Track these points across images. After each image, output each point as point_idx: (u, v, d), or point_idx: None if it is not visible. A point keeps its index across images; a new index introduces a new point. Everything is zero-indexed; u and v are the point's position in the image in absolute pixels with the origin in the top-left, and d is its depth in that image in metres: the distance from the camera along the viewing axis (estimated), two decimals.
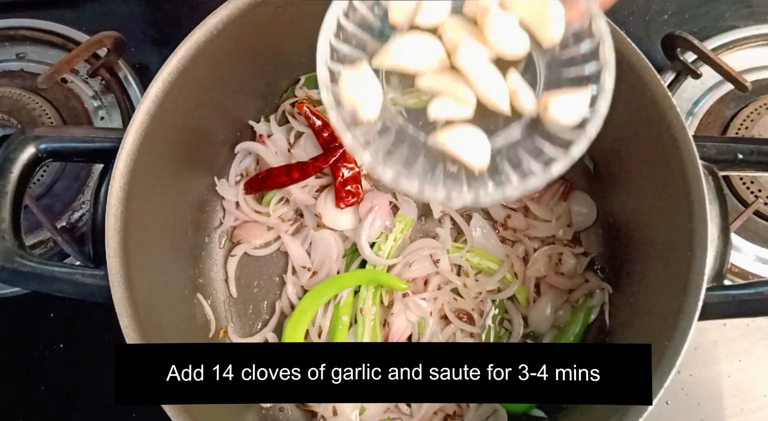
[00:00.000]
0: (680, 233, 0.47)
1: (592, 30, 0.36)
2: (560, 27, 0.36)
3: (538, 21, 0.36)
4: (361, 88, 0.36)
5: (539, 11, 0.36)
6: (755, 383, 0.61)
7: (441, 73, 0.37)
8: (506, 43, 0.36)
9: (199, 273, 0.63)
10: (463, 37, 0.36)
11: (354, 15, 0.38)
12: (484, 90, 0.35)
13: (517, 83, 0.36)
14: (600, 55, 0.35)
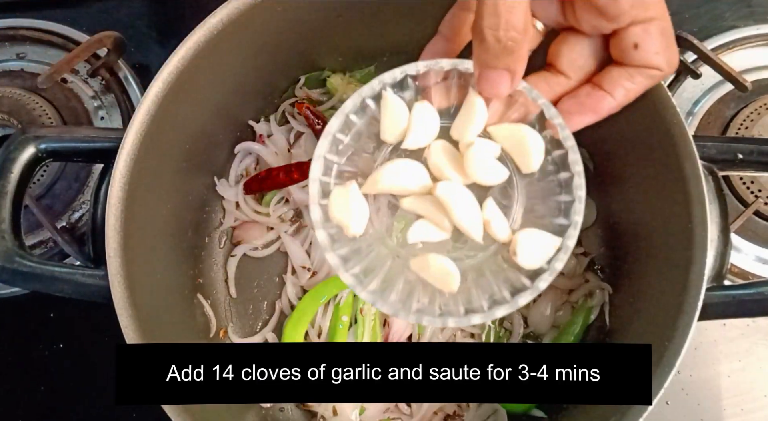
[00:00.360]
0: (680, 233, 0.47)
1: (567, 161, 0.38)
2: (539, 157, 0.38)
3: (519, 150, 0.39)
4: (350, 206, 0.38)
5: (520, 142, 0.38)
6: (755, 383, 0.61)
7: (424, 197, 0.39)
8: (485, 175, 0.38)
9: (199, 273, 0.63)
10: (444, 166, 0.38)
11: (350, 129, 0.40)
12: (459, 221, 0.38)
13: (491, 214, 0.38)
14: (574, 191, 0.37)
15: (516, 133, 0.38)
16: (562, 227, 0.38)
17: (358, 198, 0.38)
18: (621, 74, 0.38)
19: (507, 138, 0.39)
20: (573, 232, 0.37)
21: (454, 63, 0.38)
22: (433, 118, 0.39)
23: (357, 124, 0.40)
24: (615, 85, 0.38)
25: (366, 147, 0.42)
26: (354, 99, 0.39)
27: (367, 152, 0.42)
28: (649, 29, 0.36)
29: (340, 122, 0.39)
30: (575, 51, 0.39)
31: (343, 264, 0.38)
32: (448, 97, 0.40)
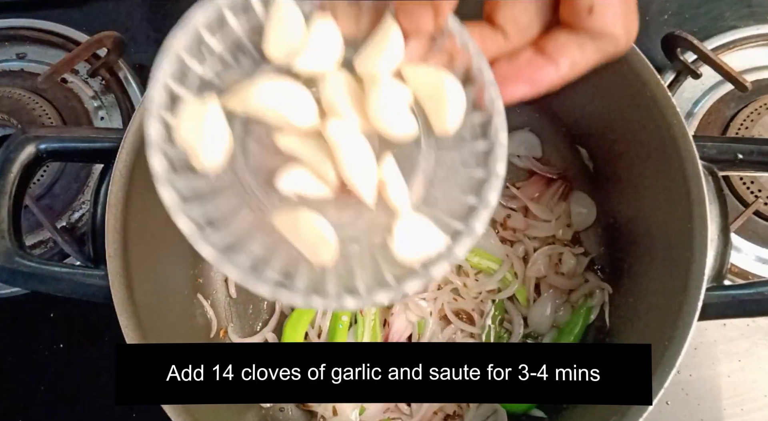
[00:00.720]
0: (680, 233, 0.47)
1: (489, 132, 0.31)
2: (457, 117, 0.31)
3: (434, 103, 0.31)
4: (204, 127, 0.29)
5: (438, 92, 0.30)
6: (755, 383, 0.61)
7: (306, 137, 0.31)
8: (390, 123, 0.30)
9: (199, 273, 0.63)
10: (341, 103, 0.30)
11: (223, 30, 0.31)
12: (349, 174, 0.30)
13: (389, 174, 0.30)
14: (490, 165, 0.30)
15: (435, 79, 0.30)
16: (470, 207, 0.31)
17: (216, 117, 0.29)
18: (570, 40, 0.32)
19: (422, 85, 0.31)
20: (484, 213, 0.30)
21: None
22: (335, 39, 0.31)
23: (234, 27, 0.31)
24: (561, 52, 0.32)
25: (244, 60, 0.32)
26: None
27: (243, 68, 0.32)
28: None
29: (209, 16, 0.30)
30: (519, 4, 0.33)
31: (181, 203, 0.29)
32: (358, 22, 0.32)
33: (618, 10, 0.32)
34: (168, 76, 0.29)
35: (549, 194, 0.64)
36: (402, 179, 0.31)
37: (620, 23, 0.32)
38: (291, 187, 0.31)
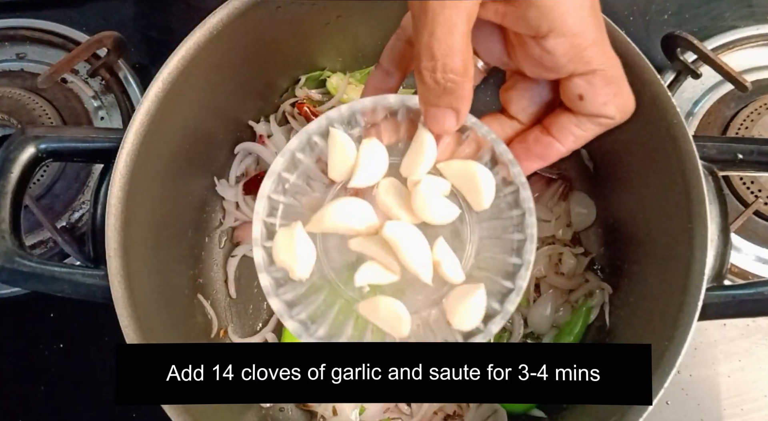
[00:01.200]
0: (680, 233, 0.47)
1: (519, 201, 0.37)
2: (490, 194, 0.37)
3: (469, 187, 0.37)
4: (295, 248, 0.37)
5: (471, 178, 0.37)
6: (755, 383, 0.61)
7: (372, 238, 0.37)
8: (434, 214, 0.37)
9: (199, 273, 0.63)
10: (393, 205, 0.37)
11: (296, 168, 0.40)
12: (408, 262, 0.36)
13: (442, 254, 0.37)
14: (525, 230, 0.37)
15: (466, 169, 0.37)
16: (515, 267, 0.37)
17: (304, 239, 0.37)
18: (570, 121, 0.37)
19: (457, 175, 0.38)
20: (525, 272, 0.36)
21: (402, 99, 0.37)
22: (381, 155, 0.38)
23: (304, 162, 0.39)
24: (564, 132, 0.37)
25: (314, 186, 0.41)
26: (300, 136, 0.38)
27: (315, 191, 0.41)
28: (592, 81, 0.35)
29: (286, 160, 0.38)
30: (525, 97, 0.39)
31: (288, 310, 0.37)
32: (398, 132, 0.39)
33: (607, 94, 0.35)
34: (262, 213, 0.38)
35: (549, 194, 0.64)
36: (453, 256, 0.37)
37: (611, 106, 0.36)
38: (365, 280, 0.37)
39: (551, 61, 0.34)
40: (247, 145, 0.65)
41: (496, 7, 0.34)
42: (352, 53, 0.65)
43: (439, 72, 0.33)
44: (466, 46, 0.32)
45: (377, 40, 0.64)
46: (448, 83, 0.33)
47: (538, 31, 0.33)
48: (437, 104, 0.34)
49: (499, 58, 0.38)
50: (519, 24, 0.34)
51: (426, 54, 0.32)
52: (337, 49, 0.64)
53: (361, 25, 0.61)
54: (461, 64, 0.32)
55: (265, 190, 0.38)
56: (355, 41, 0.64)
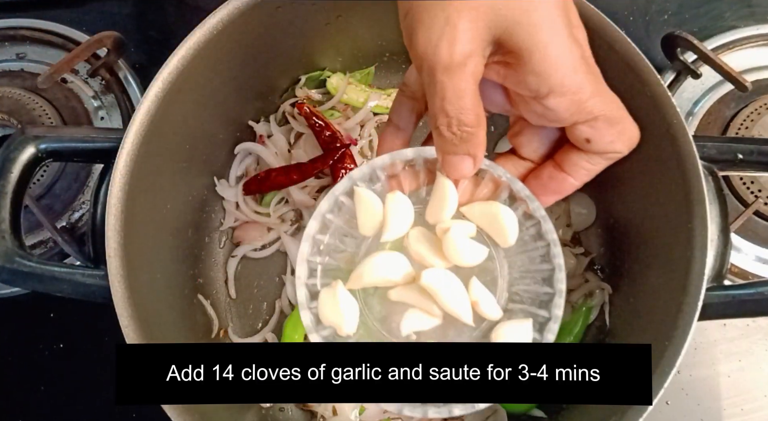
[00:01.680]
0: (680, 233, 0.47)
1: (542, 234, 0.40)
2: (514, 231, 0.39)
3: (494, 226, 0.40)
4: (339, 306, 0.39)
5: (494, 218, 0.39)
6: (755, 383, 0.61)
7: (410, 286, 0.40)
8: (465, 257, 0.39)
9: (199, 273, 0.63)
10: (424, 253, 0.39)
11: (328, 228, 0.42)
12: (448, 306, 0.38)
13: (478, 294, 0.39)
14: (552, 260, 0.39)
15: (489, 210, 0.39)
16: (548, 295, 0.39)
17: (346, 296, 0.39)
18: (581, 157, 0.39)
19: (481, 216, 0.40)
20: (559, 300, 0.39)
21: (418, 151, 0.40)
22: (406, 206, 0.40)
23: (335, 222, 0.41)
24: (576, 168, 0.39)
25: (347, 242, 0.43)
26: (328, 199, 0.40)
27: (349, 247, 0.43)
28: (596, 125, 0.37)
29: (318, 223, 0.40)
30: (534, 140, 0.41)
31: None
32: (417, 180, 0.42)
33: (612, 134, 0.38)
34: (304, 277, 0.40)
35: None
36: (489, 294, 0.39)
37: (617, 143, 0.38)
38: (410, 328, 0.40)
39: (554, 116, 0.37)
40: (247, 146, 0.65)
41: (497, 69, 0.36)
42: (352, 53, 0.65)
43: (455, 126, 0.35)
44: (476, 103, 0.35)
45: (377, 40, 0.64)
46: (464, 134, 0.35)
47: (538, 93, 0.35)
48: (455, 152, 0.37)
49: (502, 108, 0.41)
50: (519, 86, 0.36)
51: (441, 114, 0.35)
52: (337, 49, 0.64)
53: (361, 25, 0.61)
54: (474, 119, 0.35)
55: (304, 255, 0.40)
56: (355, 41, 0.64)
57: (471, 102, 0.34)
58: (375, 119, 0.67)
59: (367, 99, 0.66)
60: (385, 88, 0.68)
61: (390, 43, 0.65)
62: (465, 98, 0.34)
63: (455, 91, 0.34)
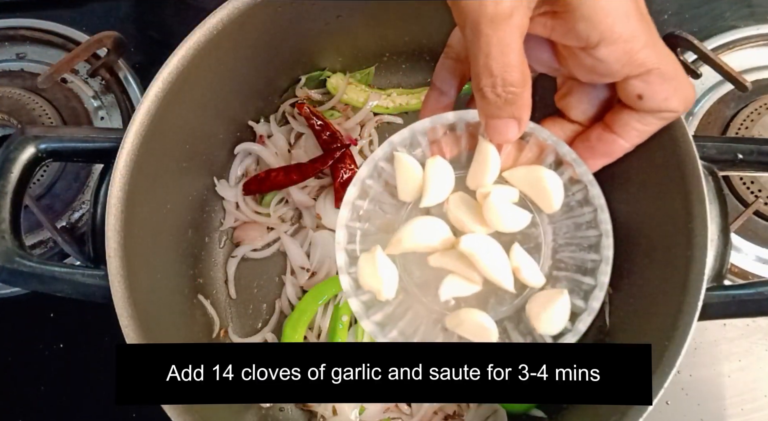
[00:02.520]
0: (680, 233, 0.46)
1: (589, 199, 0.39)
2: (559, 196, 0.38)
3: (538, 191, 0.38)
4: (378, 271, 0.38)
5: (538, 182, 0.38)
6: (755, 383, 0.61)
7: (449, 252, 0.39)
8: (506, 222, 0.37)
9: (199, 273, 0.63)
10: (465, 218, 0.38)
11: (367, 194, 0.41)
12: (488, 272, 0.37)
13: (520, 260, 0.38)
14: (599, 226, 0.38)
15: (532, 174, 0.38)
16: (594, 263, 0.38)
17: (385, 261, 0.38)
18: (632, 117, 0.37)
19: (524, 180, 0.39)
20: (605, 268, 0.38)
21: (459, 115, 0.39)
22: (447, 172, 0.39)
23: (374, 188, 0.41)
24: (626, 128, 0.37)
25: (386, 208, 0.42)
26: (368, 164, 0.39)
27: (388, 213, 0.42)
28: (649, 80, 0.35)
29: (358, 189, 0.39)
30: (584, 101, 0.39)
31: (381, 330, 0.39)
32: (458, 145, 0.41)
33: (666, 90, 0.35)
34: (343, 241, 0.39)
35: None
36: (531, 260, 0.38)
37: (673, 100, 0.36)
38: (449, 294, 0.39)
39: (604, 69, 0.35)
40: (247, 146, 0.65)
41: (544, 22, 0.34)
42: (352, 53, 0.65)
43: (500, 87, 0.33)
44: (521, 60, 0.33)
45: (377, 40, 0.64)
46: (509, 95, 0.34)
47: (588, 42, 0.33)
48: (499, 116, 0.35)
49: (549, 66, 0.39)
50: (568, 37, 0.34)
51: (485, 73, 0.33)
52: (337, 49, 0.64)
53: (361, 25, 0.61)
54: (520, 77, 0.33)
55: (343, 220, 0.39)
56: (355, 41, 0.64)
57: (517, 58, 0.33)
58: (375, 119, 0.67)
59: (367, 99, 0.66)
60: (385, 88, 0.68)
61: (390, 43, 0.65)
62: (510, 54, 0.32)
63: (500, 46, 0.32)
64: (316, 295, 0.61)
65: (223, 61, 0.54)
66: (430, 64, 0.67)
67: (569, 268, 0.40)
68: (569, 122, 0.40)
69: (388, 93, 0.67)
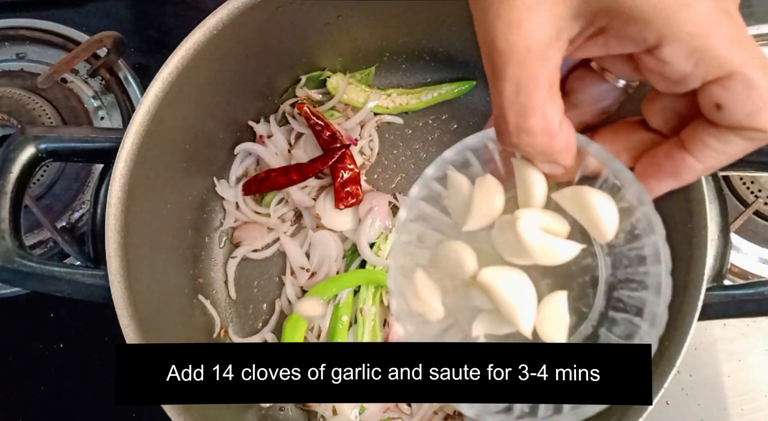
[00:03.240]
0: (680, 232, 0.46)
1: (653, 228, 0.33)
2: (612, 222, 0.32)
3: (587, 217, 0.32)
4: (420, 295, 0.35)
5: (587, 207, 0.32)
6: (755, 383, 0.61)
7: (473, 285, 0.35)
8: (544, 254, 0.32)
9: (199, 273, 0.63)
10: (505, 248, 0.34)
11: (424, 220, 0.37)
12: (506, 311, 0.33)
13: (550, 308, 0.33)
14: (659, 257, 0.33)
15: (579, 196, 0.33)
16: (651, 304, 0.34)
17: (425, 283, 0.35)
18: (709, 133, 0.30)
19: (572, 204, 0.33)
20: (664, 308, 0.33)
21: None
22: (495, 192, 0.34)
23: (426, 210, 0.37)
24: (700, 145, 0.31)
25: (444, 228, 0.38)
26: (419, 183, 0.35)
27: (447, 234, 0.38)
28: (730, 86, 0.28)
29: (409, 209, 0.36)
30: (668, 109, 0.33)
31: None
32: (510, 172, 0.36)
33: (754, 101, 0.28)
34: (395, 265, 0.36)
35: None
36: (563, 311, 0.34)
37: (763, 115, 0.29)
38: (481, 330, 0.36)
39: (674, 72, 0.29)
40: (247, 146, 0.65)
41: (595, 41, 0.30)
42: (352, 53, 0.65)
43: (514, 137, 0.29)
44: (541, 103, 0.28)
45: (377, 40, 0.64)
46: (528, 146, 0.29)
47: (646, 43, 0.28)
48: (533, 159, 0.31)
49: (633, 76, 0.33)
50: (625, 46, 0.29)
51: (498, 115, 0.29)
52: (337, 49, 0.64)
53: (361, 25, 0.61)
54: (538, 125, 0.28)
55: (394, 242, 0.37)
56: (355, 41, 0.64)
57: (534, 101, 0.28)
58: (375, 119, 0.67)
59: (367, 99, 0.66)
60: (385, 88, 0.68)
61: (390, 43, 0.65)
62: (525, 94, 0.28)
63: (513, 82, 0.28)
64: (316, 295, 0.61)
65: (223, 61, 0.54)
66: (430, 64, 0.67)
67: (628, 309, 0.35)
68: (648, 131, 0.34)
69: (388, 93, 0.67)
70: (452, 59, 0.66)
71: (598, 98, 0.35)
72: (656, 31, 0.27)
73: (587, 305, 0.37)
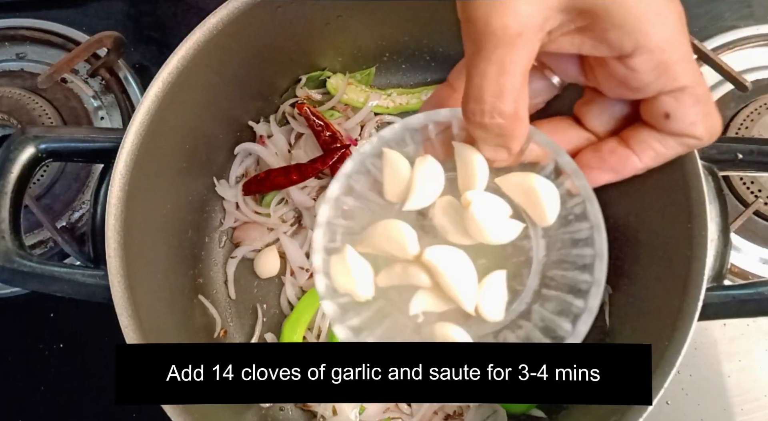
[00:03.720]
0: (680, 232, 0.46)
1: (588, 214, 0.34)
2: (554, 209, 0.34)
3: (530, 201, 0.35)
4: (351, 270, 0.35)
5: (531, 192, 0.34)
6: (756, 383, 0.61)
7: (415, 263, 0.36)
8: (491, 234, 0.34)
9: (199, 273, 0.63)
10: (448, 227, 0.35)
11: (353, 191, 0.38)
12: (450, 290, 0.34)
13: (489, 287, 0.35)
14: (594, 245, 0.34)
15: (526, 182, 0.35)
16: (587, 284, 0.35)
17: (356, 260, 0.35)
18: (653, 136, 0.34)
19: (517, 188, 0.35)
20: (596, 291, 0.34)
21: (454, 113, 0.35)
22: (436, 173, 0.35)
23: (361, 185, 0.38)
24: (644, 146, 0.34)
25: (374, 207, 0.39)
26: (353, 160, 0.37)
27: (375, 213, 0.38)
28: (681, 98, 0.32)
29: (341, 185, 0.37)
30: (605, 113, 0.36)
31: (356, 336, 0.36)
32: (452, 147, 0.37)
33: (695, 113, 0.32)
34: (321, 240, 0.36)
35: None
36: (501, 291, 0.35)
37: (699, 126, 0.33)
38: (419, 308, 0.36)
39: (637, 81, 0.32)
40: (247, 146, 0.65)
41: (570, 39, 0.32)
42: (352, 53, 0.65)
43: (487, 116, 0.30)
44: (518, 88, 0.30)
45: (377, 40, 0.64)
46: (496, 128, 0.31)
47: (621, 50, 0.31)
48: (486, 143, 0.33)
49: (575, 76, 0.36)
50: (599, 47, 0.31)
51: (474, 95, 0.30)
52: (337, 49, 0.64)
53: (361, 25, 0.61)
54: (511, 108, 0.30)
55: (323, 217, 0.36)
56: (355, 41, 0.64)
57: (512, 84, 0.30)
58: (375, 119, 0.67)
59: (367, 99, 0.66)
60: (385, 88, 0.68)
61: (390, 43, 0.65)
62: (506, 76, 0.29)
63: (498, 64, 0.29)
64: (316, 295, 0.61)
65: (223, 61, 0.54)
66: (430, 64, 0.67)
67: (560, 287, 0.37)
68: (583, 129, 0.37)
69: (388, 93, 0.67)
70: (452, 59, 0.66)
71: (534, 94, 0.37)
72: (634, 41, 0.30)
73: (521, 284, 0.38)
